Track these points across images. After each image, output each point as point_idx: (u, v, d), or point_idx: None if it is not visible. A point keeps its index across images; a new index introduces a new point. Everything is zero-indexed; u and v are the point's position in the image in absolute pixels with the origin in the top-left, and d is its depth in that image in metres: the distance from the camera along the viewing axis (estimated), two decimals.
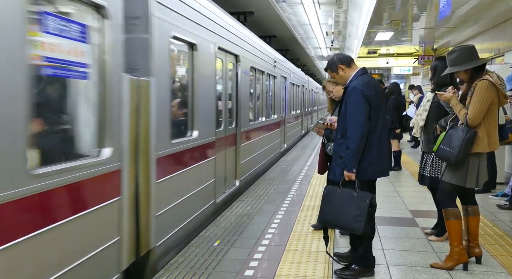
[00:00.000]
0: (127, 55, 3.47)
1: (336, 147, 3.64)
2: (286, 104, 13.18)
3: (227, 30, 6.32)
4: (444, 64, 3.93)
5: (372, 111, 3.47)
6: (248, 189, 7.24)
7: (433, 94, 4.39)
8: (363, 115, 3.42)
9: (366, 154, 3.47)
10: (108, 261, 3.23)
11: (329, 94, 4.63)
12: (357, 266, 3.62)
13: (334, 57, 3.77)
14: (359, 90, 3.46)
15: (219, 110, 6.13)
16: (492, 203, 6.04)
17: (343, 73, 3.69)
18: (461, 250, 3.72)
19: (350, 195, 3.44)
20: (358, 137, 3.40)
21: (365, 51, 17.32)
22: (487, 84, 3.56)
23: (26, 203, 2.40)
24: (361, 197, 3.40)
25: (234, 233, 4.79)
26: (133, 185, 3.63)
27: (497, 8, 8.18)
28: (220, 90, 6.22)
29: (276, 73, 11.04)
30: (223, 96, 6.41)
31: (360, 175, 3.47)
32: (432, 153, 4.19)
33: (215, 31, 5.66)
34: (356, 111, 3.44)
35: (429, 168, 4.35)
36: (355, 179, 3.43)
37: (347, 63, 3.68)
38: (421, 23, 10.71)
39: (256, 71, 8.74)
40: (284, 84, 12.77)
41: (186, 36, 4.63)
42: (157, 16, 3.94)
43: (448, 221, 3.76)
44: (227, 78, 6.61)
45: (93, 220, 3.04)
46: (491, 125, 3.65)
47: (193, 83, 5.02)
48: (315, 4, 11.59)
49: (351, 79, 3.62)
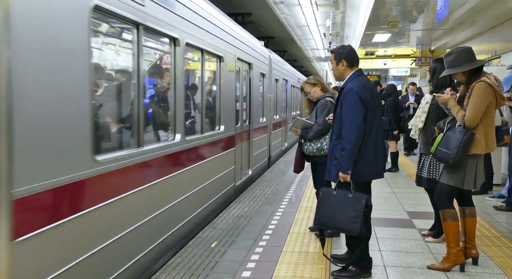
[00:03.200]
0: None
1: (331, 148, 3.63)
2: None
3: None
4: (443, 66, 3.94)
5: (368, 112, 3.47)
6: (246, 189, 7.25)
7: (432, 96, 4.40)
8: (359, 117, 3.42)
9: (362, 156, 3.46)
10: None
11: (307, 95, 4.78)
12: (354, 267, 3.62)
13: (347, 49, 3.72)
14: (355, 91, 3.46)
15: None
16: (489, 204, 6.06)
17: (341, 69, 3.68)
18: (458, 251, 3.73)
19: (345, 197, 3.44)
20: (354, 139, 3.40)
21: (363, 52, 17.34)
22: (484, 86, 3.57)
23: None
24: (357, 199, 3.40)
25: (231, 234, 4.79)
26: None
27: (494, 10, 8.22)
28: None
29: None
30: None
31: (356, 176, 3.46)
32: (430, 155, 4.20)
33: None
34: (352, 112, 3.44)
35: (426, 170, 4.36)
36: (351, 181, 3.43)
37: (350, 63, 3.66)
38: (419, 24, 10.76)
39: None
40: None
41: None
42: None
43: (446, 222, 3.77)
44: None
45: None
46: (488, 126, 3.66)
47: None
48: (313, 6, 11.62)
49: (347, 80, 3.62)
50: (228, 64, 6.53)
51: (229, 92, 6.69)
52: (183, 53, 4.67)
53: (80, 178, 2.86)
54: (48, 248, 2.61)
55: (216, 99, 6.31)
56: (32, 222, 2.46)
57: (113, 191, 3.31)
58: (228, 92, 6.65)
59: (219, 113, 6.27)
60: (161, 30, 4.12)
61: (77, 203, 2.88)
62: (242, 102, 7.87)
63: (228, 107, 6.63)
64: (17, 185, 2.32)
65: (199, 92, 5.75)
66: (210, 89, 6.31)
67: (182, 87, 4.68)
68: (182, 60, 4.66)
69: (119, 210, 3.40)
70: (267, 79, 9.94)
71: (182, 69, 4.69)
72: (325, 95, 4.65)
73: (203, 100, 5.72)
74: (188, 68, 5.58)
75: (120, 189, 3.41)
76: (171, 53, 4.55)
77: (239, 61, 7.28)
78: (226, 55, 6.32)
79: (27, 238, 2.40)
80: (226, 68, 6.44)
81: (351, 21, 13.58)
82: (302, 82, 4.99)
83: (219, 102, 6.28)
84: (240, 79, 7.58)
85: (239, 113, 7.46)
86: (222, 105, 6.33)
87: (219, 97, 6.29)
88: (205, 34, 5.42)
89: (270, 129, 10.37)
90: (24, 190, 2.37)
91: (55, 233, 2.63)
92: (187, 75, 5.43)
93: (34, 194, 2.44)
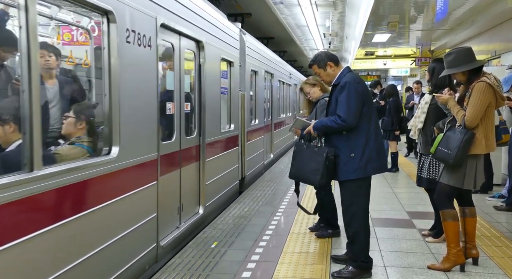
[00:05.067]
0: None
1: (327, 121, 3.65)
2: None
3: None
4: (442, 66, 3.94)
5: (365, 106, 3.52)
6: (246, 190, 7.25)
7: (431, 96, 4.40)
8: (358, 108, 3.47)
9: (364, 150, 3.50)
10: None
11: (307, 95, 4.82)
12: (355, 268, 3.62)
13: (322, 54, 3.78)
14: (353, 84, 3.50)
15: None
16: (489, 204, 6.06)
17: (331, 71, 3.70)
18: (458, 251, 3.73)
19: (312, 151, 3.66)
20: (344, 125, 3.47)
21: (363, 52, 17.36)
22: (484, 86, 3.57)
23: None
24: (319, 152, 3.59)
25: (231, 234, 4.79)
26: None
27: (494, 10, 8.21)
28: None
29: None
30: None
31: (360, 172, 3.51)
32: (430, 155, 4.20)
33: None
34: (351, 103, 3.46)
35: (426, 170, 4.36)
36: (317, 136, 3.70)
37: (336, 61, 3.72)
38: (418, 25, 10.76)
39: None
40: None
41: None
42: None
43: (446, 223, 3.77)
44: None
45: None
46: (488, 126, 3.66)
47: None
48: (313, 6, 11.62)
49: (340, 76, 3.65)
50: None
51: (140, 87, 3.69)
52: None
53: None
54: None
55: (105, 100, 3.29)
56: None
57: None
58: (138, 86, 3.66)
59: (110, 123, 3.28)
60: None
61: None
62: (183, 102, 4.86)
63: (135, 112, 3.59)
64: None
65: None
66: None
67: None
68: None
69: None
70: (236, 69, 6.99)
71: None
72: (324, 95, 4.65)
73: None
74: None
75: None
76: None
77: (168, 32, 4.38)
78: (130, 14, 3.49)
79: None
80: (129, 39, 3.48)
81: (351, 21, 13.58)
82: (302, 83, 5.02)
83: (110, 103, 3.28)
84: (178, 65, 4.72)
85: (173, 121, 4.60)
86: (123, 109, 3.36)
87: (110, 96, 3.27)
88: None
89: (242, 140, 7.51)
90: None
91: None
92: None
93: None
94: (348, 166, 3.53)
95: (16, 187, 2.35)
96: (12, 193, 2.31)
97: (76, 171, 2.84)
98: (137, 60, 3.64)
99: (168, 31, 4.36)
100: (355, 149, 3.51)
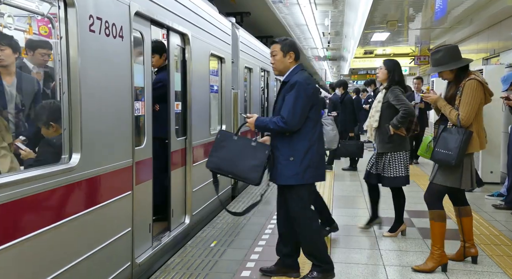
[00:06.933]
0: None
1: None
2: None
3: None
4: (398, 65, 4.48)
5: (312, 110, 3.35)
6: (245, 189, 7.25)
7: (383, 95, 4.46)
8: (300, 111, 3.27)
9: (305, 156, 3.31)
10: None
11: None
12: (319, 273, 3.44)
13: (292, 41, 3.53)
14: (303, 85, 3.30)
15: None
16: (488, 203, 6.06)
17: (287, 61, 3.45)
18: (442, 252, 3.70)
19: (248, 145, 3.37)
20: (284, 127, 3.26)
21: (362, 51, 17.35)
22: (476, 84, 3.56)
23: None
24: (260, 148, 3.34)
25: (230, 234, 4.79)
26: None
27: (492, 8, 8.22)
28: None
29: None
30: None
31: (298, 178, 3.32)
32: (389, 153, 4.42)
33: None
34: (299, 104, 3.27)
35: (382, 168, 4.51)
36: (254, 131, 3.68)
37: (297, 56, 3.49)
38: (417, 23, 10.75)
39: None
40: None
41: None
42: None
43: (434, 223, 3.72)
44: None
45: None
46: (480, 124, 3.65)
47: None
48: (312, 5, 11.61)
49: (291, 73, 3.44)
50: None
51: (108, 84, 3.19)
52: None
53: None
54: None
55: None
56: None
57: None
58: (106, 83, 3.16)
59: (70, 126, 2.83)
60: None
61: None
62: (174, 101, 4.56)
63: (102, 113, 3.10)
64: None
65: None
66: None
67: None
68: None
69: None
70: (227, 65, 6.51)
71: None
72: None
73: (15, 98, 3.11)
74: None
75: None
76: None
77: (145, 22, 3.86)
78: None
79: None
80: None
81: (350, 20, 13.58)
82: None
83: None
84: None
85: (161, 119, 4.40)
86: (85, 109, 2.87)
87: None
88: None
89: None
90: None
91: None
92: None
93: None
94: (286, 169, 3.33)
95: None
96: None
97: (17, 185, 2.29)
98: (105, 53, 3.10)
99: (144, 21, 3.82)
100: (296, 153, 3.31)
